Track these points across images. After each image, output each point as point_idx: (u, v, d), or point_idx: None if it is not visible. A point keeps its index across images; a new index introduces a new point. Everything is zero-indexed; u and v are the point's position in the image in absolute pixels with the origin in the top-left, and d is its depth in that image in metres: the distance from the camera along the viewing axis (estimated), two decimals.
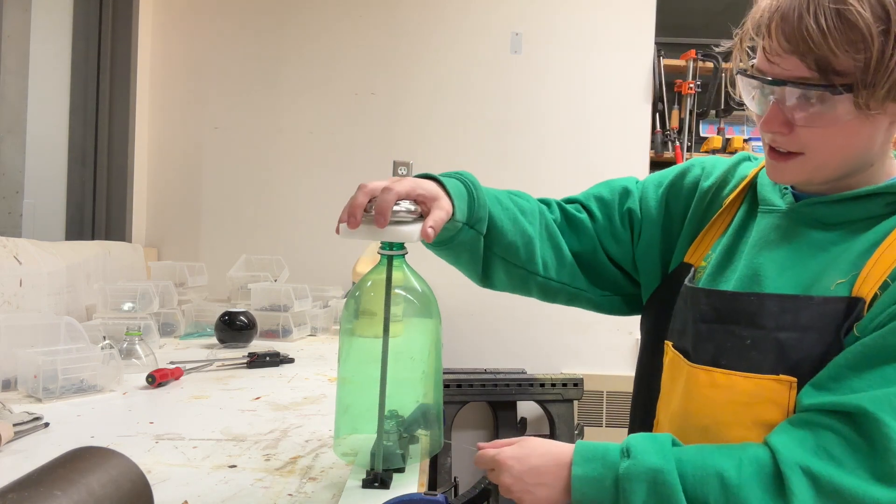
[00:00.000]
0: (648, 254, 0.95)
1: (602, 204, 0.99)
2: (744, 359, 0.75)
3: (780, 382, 0.73)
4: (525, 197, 0.96)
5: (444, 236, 0.85)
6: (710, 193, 0.92)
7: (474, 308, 2.76)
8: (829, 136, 0.74)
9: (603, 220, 0.98)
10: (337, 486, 0.85)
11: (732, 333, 0.77)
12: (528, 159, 2.77)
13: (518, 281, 0.95)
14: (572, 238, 0.97)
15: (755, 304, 0.76)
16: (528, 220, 0.92)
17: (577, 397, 2.63)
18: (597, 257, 0.97)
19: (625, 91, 2.80)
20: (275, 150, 2.76)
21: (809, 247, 0.79)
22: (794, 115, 0.74)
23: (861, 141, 0.74)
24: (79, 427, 1.10)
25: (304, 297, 2.01)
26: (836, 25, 0.68)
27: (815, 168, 0.77)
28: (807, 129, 0.74)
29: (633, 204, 0.97)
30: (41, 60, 2.14)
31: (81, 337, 1.36)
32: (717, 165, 0.95)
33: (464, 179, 0.86)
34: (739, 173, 0.92)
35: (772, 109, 0.75)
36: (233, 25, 2.74)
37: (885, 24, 0.68)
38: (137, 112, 2.58)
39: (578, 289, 0.98)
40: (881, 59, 0.68)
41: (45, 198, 2.22)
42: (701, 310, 0.80)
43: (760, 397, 0.74)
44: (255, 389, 1.37)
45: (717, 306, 0.79)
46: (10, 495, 0.54)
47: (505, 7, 2.78)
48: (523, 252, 0.91)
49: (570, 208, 0.99)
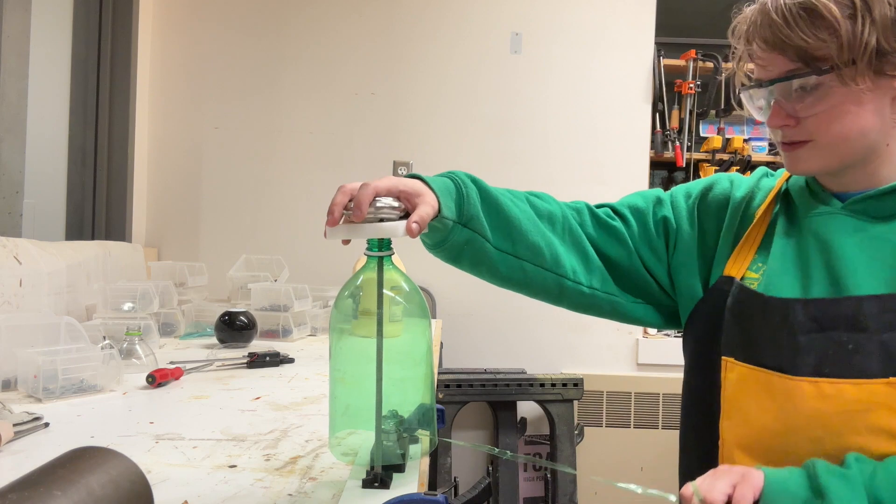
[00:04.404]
0: (685, 267, 0.94)
1: (636, 212, 0.98)
2: (848, 365, 0.74)
3: (891, 386, 0.71)
4: (546, 198, 0.95)
5: (437, 237, 0.84)
6: (743, 205, 0.92)
7: (474, 308, 2.76)
8: (832, 118, 0.78)
9: (638, 228, 0.97)
10: (337, 486, 0.85)
11: (833, 340, 0.75)
12: (529, 159, 2.77)
13: (550, 286, 0.92)
14: (608, 244, 0.96)
15: (853, 307, 0.75)
16: (547, 222, 0.91)
17: (577, 397, 2.63)
18: (632, 264, 0.96)
19: (625, 91, 2.80)
20: (275, 150, 2.76)
21: (875, 240, 0.79)
22: (795, 107, 0.79)
23: (865, 120, 0.78)
24: (79, 427, 1.10)
25: (304, 297, 2.02)
26: (803, 17, 0.75)
27: (827, 152, 0.80)
28: (811, 118, 0.79)
29: (667, 212, 0.97)
30: (41, 60, 2.14)
31: (81, 337, 1.36)
32: (743, 179, 0.96)
33: (453, 177, 0.85)
34: (765, 186, 0.93)
35: (774, 108, 0.80)
36: (233, 26, 2.74)
37: (851, 9, 0.75)
38: (137, 112, 2.58)
39: (611, 294, 0.96)
40: (852, 38, 0.74)
41: (45, 198, 2.22)
42: (798, 321, 0.77)
43: (873, 403, 0.72)
44: (255, 389, 1.37)
45: (814, 315, 0.77)
46: (10, 495, 0.54)
47: (505, 7, 2.78)
48: (548, 254, 0.90)
49: (602, 213, 0.97)
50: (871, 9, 0.74)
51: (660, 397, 2.78)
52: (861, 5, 0.74)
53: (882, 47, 0.75)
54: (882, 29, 0.74)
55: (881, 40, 0.74)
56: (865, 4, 0.75)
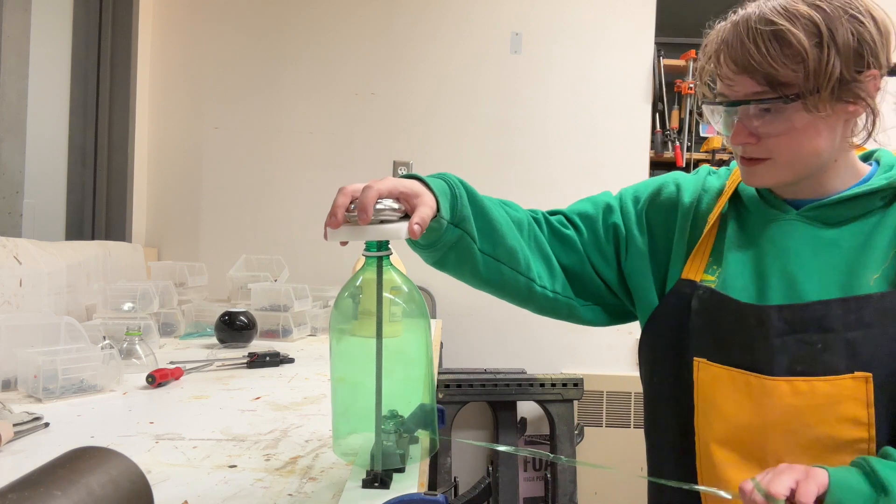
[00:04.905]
0: (638, 272, 0.98)
1: (586, 219, 1.01)
2: (818, 363, 0.80)
3: (856, 380, 0.79)
4: (514, 206, 0.98)
5: (431, 237, 0.85)
6: (693, 209, 0.96)
7: (474, 308, 2.76)
8: (791, 140, 0.82)
9: (589, 235, 1.00)
10: (337, 486, 0.85)
11: (803, 341, 0.81)
12: (528, 159, 2.77)
13: (521, 289, 0.96)
14: (561, 251, 0.99)
15: (822, 309, 0.81)
16: (518, 229, 0.94)
17: (577, 397, 2.63)
18: (584, 270, 1.00)
19: (625, 91, 2.80)
20: (275, 151, 2.76)
21: (827, 246, 0.85)
22: (756, 126, 0.83)
23: (821, 140, 0.82)
24: (79, 427, 1.10)
25: (304, 297, 2.02)
26: (774, 45, 0.78)
27: (783, 169, 0.85)
28: (771, 138, 0.83)
29: (617, 219, 1.00)
30: (41, 60, 2.14)
31: (81, 337, 1.36)
32: (688, 180, 1.00)
33: (446, 179, 0.86)
34: (711, 187, 0.97)
35: (737, 126, 0.84)
36: (233, 25, 2.74)
37: (818, 38, 0.78)
38: (137, 112, 2.58)
39: (568, 298, 1.00)
40: (818, 67, 0.77)
41: (45, 198, 2.22)
42: (774, 325, 0.83)
43: (841, 396, 0.79)
44: (255, 389, 1.37)
45: (787, 318, 0.82)
46: (10, 495, 0.54)
47: (505, 7, 2.78)
48: (521, 259, 0.93)
49: (555, 221, 1.01)
50: (836, 37, 0.78)
51: None
52: (826, 34, 0.77)
53: (843, 76, 0.78)
54: (844, 58, 0.78)
55: (843, 69, 0.78)
56: (830, 33, 0.78)
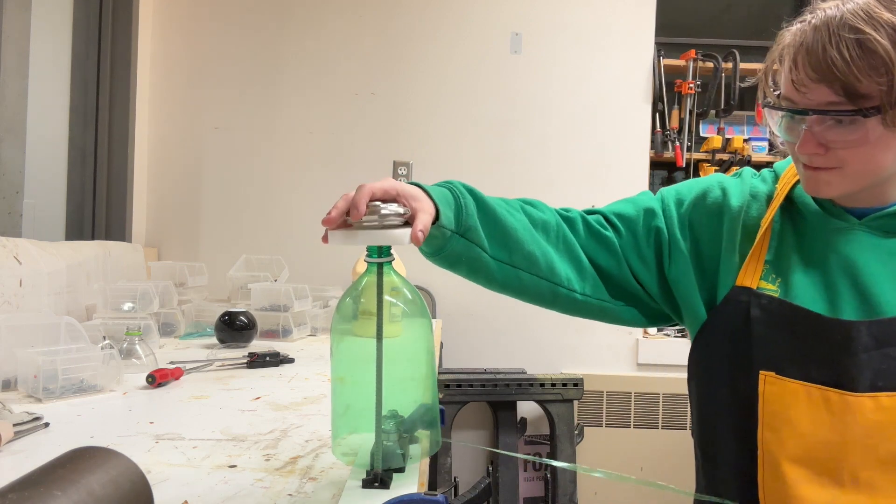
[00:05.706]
0: (684, 278, 0.94)
1: (626, 221, 0.98)
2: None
3: None
4: (539, 206, 0.95)
5: (434, 245, 0.84)
6: (742, 214, 0.92)
7: (474, 308, 2.76)
8: (863, 152, 0.79)
9: (628, 238, 0.97)
10: (337, 486, 0.86)
11: (888, 356, 0.80)
12: (528, 159, 2.77)
13: (545, 293, 0.93)
14: (598, 252, 0.96)
15: None
16: (542, 231, 0.91)
17: (577, 397, 2.63)
18: (621, 272, 0.97)
19: (625, 91, 2.80)
20: (275, 151, 2.76)
21: (892, 255, 0.84)
22: (827, 137, 0.79)
23: (890, 154, 0.79)
24: (79, 427, 1.10)
25: (304, 297, 2.02)
26: (858, 54, 0.74)
27: (851, 180, 0.82)
28: (840, 149, 0.79)
29: (660, 223, 0.96)
30: (41, 60, 2.14)
31: (81, 337, 1.36)
32: (734, 184, 0.96)
33: (450, 187, 0.85)
34: (760, 192, 0.94)
35: (805, 135, 0.80)
36: (233, 25, 2.74)
37: None
38: (137, 112, 2.58)
39: (601, 300, 0.97)
40: None
41: (45, 198, 2.22)
42: (863, 341, 0.81)
43: None
44: (255, 389, 1.37)
45: (876, 334, 0.81)
46: (10, 495, 0.54)
47: (505, 7, 2.78)
48: (543, 263, 0.91)
49: (593, 221, 0.97)
50: None
51: (660, 397, 2.78)
52: None
53: None
54: None
55: None
56: None
